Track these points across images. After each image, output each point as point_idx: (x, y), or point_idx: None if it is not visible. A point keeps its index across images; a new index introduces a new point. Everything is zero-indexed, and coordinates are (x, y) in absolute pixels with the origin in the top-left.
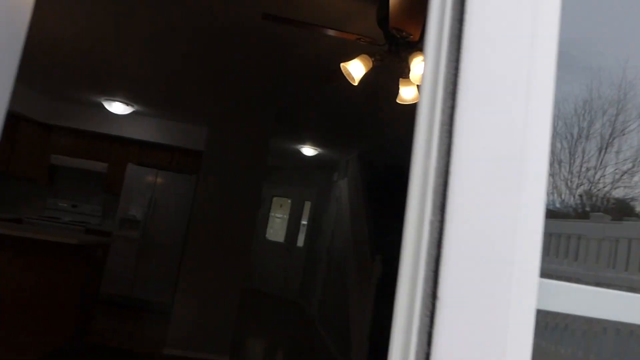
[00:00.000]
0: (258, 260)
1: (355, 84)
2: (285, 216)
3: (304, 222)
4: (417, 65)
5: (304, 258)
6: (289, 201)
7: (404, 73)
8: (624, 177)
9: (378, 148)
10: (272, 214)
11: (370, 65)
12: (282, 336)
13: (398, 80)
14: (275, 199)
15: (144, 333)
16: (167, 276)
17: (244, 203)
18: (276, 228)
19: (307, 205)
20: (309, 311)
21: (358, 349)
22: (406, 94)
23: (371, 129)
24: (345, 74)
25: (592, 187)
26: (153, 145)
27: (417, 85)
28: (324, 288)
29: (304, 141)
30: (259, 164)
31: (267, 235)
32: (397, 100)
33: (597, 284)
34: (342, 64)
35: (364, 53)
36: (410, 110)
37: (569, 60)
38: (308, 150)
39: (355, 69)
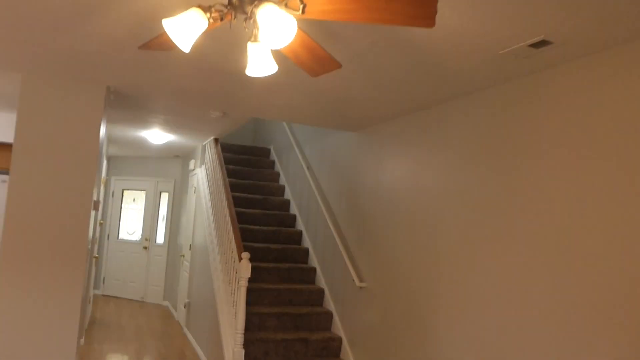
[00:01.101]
0: (112, 263)
1: (186, 50)
2: (140, 211)
3: (163, 215)
4: (268, 22)
5: (165, 256)
6: (144, 194)
7: (253, 35)
8: None
9: (237, 129)
10: (124, 209)
11: (206, 24)
12: (144, 346)
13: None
14: (126, 192)
15: None
16: None
17: (74, 203)
18: (131, 225)
19: (165, 198)
20: (176, 315)
21: (233, 357)
22: (255, 63)
23: (228, 107)
24: (171, 36)
25: None
26: None
27: (274, 51)
28: (190, 289)
29: (150, 126)
30: (90, 156)
31: (120, 235)
32: (246, 73)
33: None
34: (163, 21)
35: (197, 7)
36: (271, 82)
37: None
38: (157, 137)
39: (182, 28)
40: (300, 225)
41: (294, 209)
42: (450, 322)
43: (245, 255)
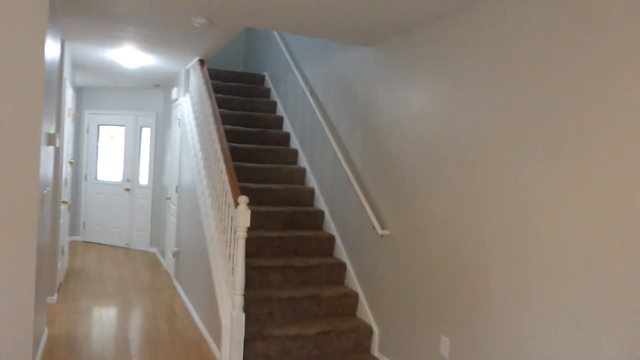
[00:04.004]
0: (91, 207)
1: None
2: (120, 149)
3: (146, 153)
4: None
5: (150, 198)
6: (123, 129)
7: None
8: None
9: (227, 55)
10: (100, 147)
11: None
12: (128, 301)
13: None
14: (102, 128)
15: None
16: None
17: (16, 138)
18: (110, 165)
19: (146, 133)
20: (165, 263)
21: (231, 323)
22: None
23: (215, 10)
24: None
25: None
26: None
27: None
28: (178, 236)
29: (120, 43)
30: (34, 78)
31: (98, 176)
32: None
33: None
34: None
35: None
36: None
37: None
38: (130, 59)
39: None
40: (303, 161)
41: (295, 143)
42: (503, 279)
43: (243, 199)
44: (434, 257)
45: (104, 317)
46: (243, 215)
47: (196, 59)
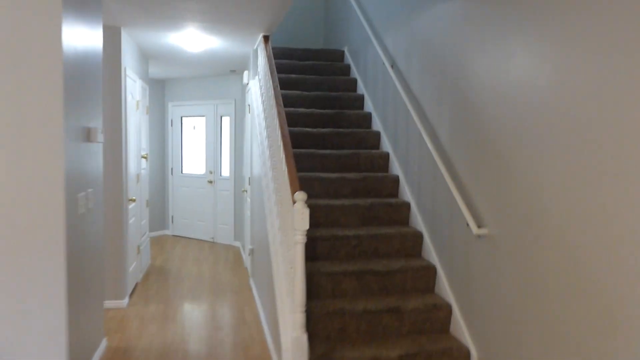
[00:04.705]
0: (178, 201)
1: None
2: (202, 140)
3: (227, 143)
4: None
5: (232, 191)
6: (204, 120)
7: None
8: None
9: (305, 31)
10: (184, 139)
11: None
12: (199, 305)
13: None
14: (185, 120)
15: None
16: None
17: (33, 135)
18: (193, 157)
19: (226, 122)
20: (245, 260)
21: (291, 345)
22: None
23: None
24: None
25: None
26: None
27: None
28: (252, 232)
29: (180, 24)
30: (49, 69)
31: (183, 169)
32: None
33: None
34: None
35: None
36: None
37: None
38: (193, 42)
39: None
40: (386, 145)
41: (377, 125)
42: None
43: (300, 196)
44: (549, 266)
45: (169, 325)
46: (300, 216)
47: (260, 35)
